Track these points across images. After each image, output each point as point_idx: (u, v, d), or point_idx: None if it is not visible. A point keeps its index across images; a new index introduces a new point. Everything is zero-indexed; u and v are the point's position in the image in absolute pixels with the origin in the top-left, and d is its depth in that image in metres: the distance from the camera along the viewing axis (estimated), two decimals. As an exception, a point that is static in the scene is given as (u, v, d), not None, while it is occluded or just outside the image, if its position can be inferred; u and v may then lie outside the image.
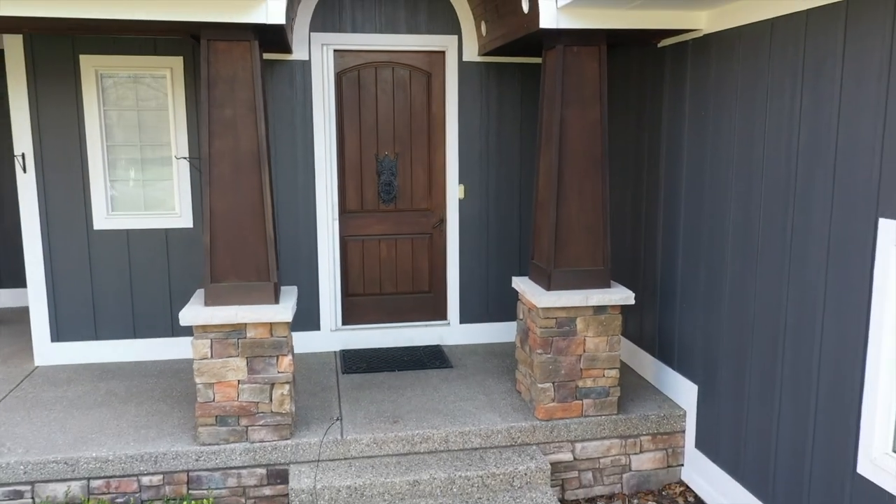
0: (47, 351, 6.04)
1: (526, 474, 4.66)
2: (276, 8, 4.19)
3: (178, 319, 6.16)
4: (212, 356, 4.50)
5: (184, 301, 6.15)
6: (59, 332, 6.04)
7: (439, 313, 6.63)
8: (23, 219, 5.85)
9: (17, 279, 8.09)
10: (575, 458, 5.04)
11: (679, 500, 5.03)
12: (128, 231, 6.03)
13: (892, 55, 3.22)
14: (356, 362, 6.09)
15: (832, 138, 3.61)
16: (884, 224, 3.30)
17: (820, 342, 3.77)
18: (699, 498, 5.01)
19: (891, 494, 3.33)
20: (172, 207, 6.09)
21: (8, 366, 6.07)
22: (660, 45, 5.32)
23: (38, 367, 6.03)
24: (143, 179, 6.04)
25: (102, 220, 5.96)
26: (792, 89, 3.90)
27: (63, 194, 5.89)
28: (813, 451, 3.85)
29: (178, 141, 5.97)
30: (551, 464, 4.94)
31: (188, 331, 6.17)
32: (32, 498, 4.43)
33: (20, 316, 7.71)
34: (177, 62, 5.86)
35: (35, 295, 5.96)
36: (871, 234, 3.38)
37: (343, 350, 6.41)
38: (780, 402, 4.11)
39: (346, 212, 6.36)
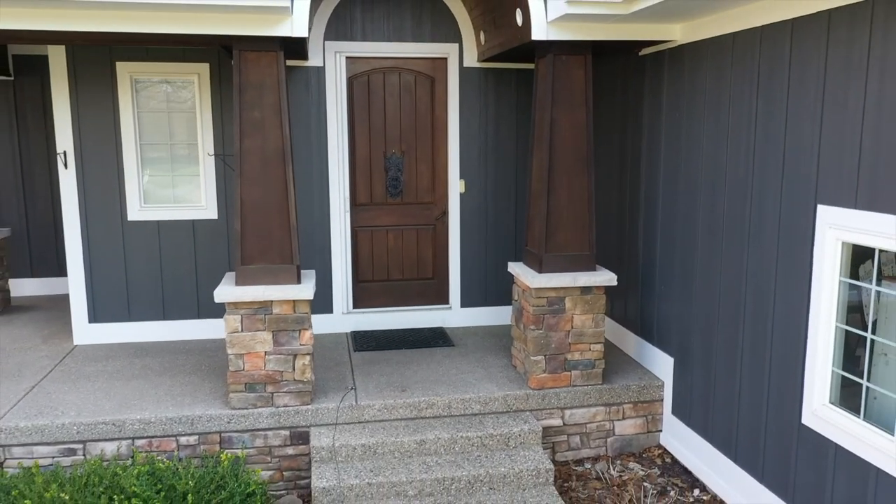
0: (85, 331, 6.62)
1: (520, 436, 5.26)
2: (300, 23, 4.77)
3: (203, 303, 6.76)
4: (242, 330, 5.09)
5: (209, 286, 6.74)
6: (96, 314, 6.63)
7: (442, 298, 7.22)
8: (64, 211, 6.44)
9: (47, 269, 8.68)
10: (564, 424, 5.63)
11: (657, 461, 5.63)
12: (158, 222, 6.62)
13: (827, 69, 3.81)
14: (366, 342, 6.68)
15: (781, 137, 4.21)
16: (821, 209, 3.89)
17: (772, 315, 4.36)
18: (675, 459, 5.61)
19: (828, 440, 3.92)
20: (199, 200, 6.68)
21: (49, 345, 6.66)
22: (641, 53, 5.91)
23: (76, 345, 6.62)
24: (172, 175, 6.62)
25: (136, 211, 6.55)
26: (749, 95, 4.49)
27: (100, 188, 6.48)
28: (767, 409, 4.44)
29: (205, 139, 6.56)
30: (543, 428, 5.53)
31: (213, 313, 6.76)
32: (84, 455, 5.01)
33: (52, 303, 8.29)
34: (203, 68, 6.44)
35: (75, 280, 6.55)
36: (811, 218, 3.97)
37: (354, 331, 7.01)
38: (741, 369, 4.71)
39: (356, 205, 6.96)
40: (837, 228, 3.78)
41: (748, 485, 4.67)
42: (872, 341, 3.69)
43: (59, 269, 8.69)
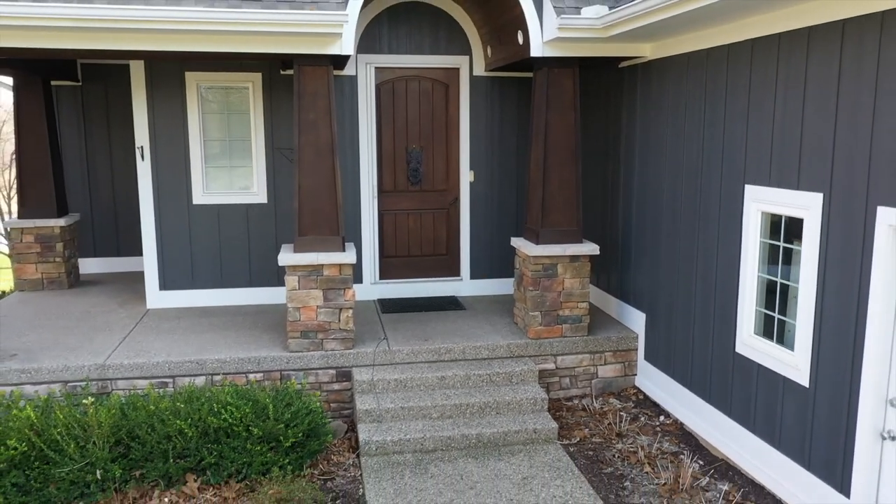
0: (157, 296, 7.90)
1: (521, 374, 6.54)
2: (347, 44, 6.04)
3: (254, 273, 8.05)
4: (299, 288, 6.38)
5: (259, 259, 8.03)
6: (166, 282, 7.91)
7: (454, 271, 8.52)
8: (141, 196, 7.71)
9: (108, 249, 9.93)
10: (556, 368, 6.91)
11: (632, 398, 6.91)
12: (218, 205, 7.90)
13: (751, 83, 5.10)
14: (392, 306, 7.96)
15: (721, 134, 5.50)
16: (748, 188, 5.18)
17: (715, 272, 5.65)
18: (647, 396, 6.90)
19: (753, 361, 5.21)
20: (251, 187, 7.96)
21: (126, 309, 7.93)
22: (620, 66, 7.19)
23: (149, 309, 7.90)
24: (229, 166, 7.90)
25: (199, 196, 7.83)
26: (699, 101, 5.78)
27: (170, 177, 7.75)
28: (713, 344, 5.73)
29: (257, 136, 7.84)
30: (539, 371, 6.81)
31: (262, 282, 8.05)
32: (174, 387, 6.29)
33: (114, 278, 9.54)
34: (257, 77, 7.72)
35: (148, 253, 7.82)
36: (741, 195, 5.27)
37: (380, 298, 8.29)
38: (695, 316, 5.99)
39: (382, 191, 8.25)
40: (758, 201, 5.07)
41: (700, 406, 5.96)
42: (786, 286, 4.98)
43: (118, 250, 9.95)
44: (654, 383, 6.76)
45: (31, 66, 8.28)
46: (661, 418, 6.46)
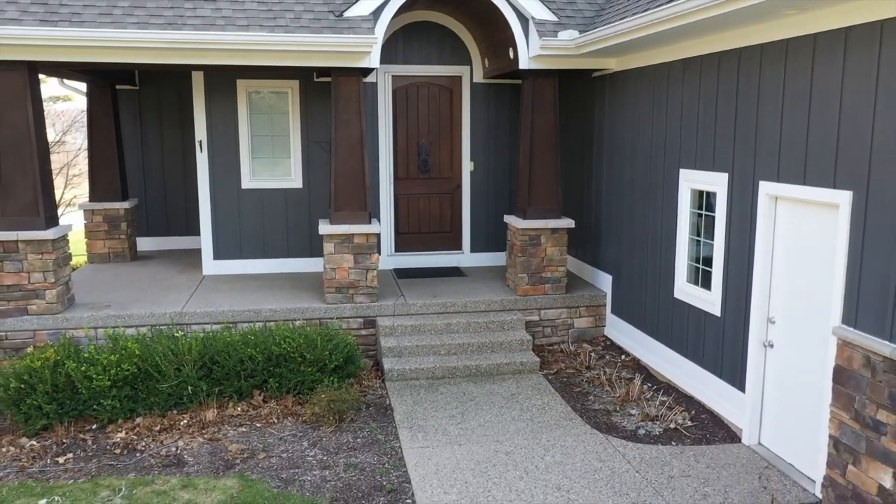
0: (211, 265, 9.54)
1: (511, 322, 8.19)
2: (374, 58, 7.67)
3: (291, 246, 9.69)
4: (334, 252, 8.02)
5: (296, 234, 9.67)
6: (219, 253, 9.55)
7: (457, 245, 10.17)
8: (199, 182, 9.35)
9: (159, 229, 11.54)
10: (540, 319, 8.56)
11: (601, 343, 8.57)
12: (261, 190, 9.54)
13: (683, 91, 6.75)
14: (405, 274, 9.61)
15: (664, 131, 7.15)
16: (682, 171, 6.83)
17: (661, 236, 7.30)
18: (613, 342, 8.55)
19: (685, 303, 6.86)
20: (289, 175, 9.60)
21: (185, 276, 9.56)
22: (593, 76, 8.84)
23: (205, 275, 9.53)
24: (271, 157, 9.54)
25: (247, 182, 9.47)
26: (648, 106, 7.44)
27: (223, 166, 9.39)
28: (659, 293, 7.39)
29: (294, 133, 9.48)
30: (526, 321, 8.46)
31: (298, 253, 9.69)
32: (235, 330, 7.91)
33: (165, 255, 11.15)
34: (295, 84, 9.36)
35: (205, 230, 9.46)
36: (677, 176, 6.92)
37: (396, 268, 9.94)
38: (647, 273, 7.65)
39: (397, 178, 9.89)
40: (688, 181, 6.73)
41: (651, 344, 7.61)
42: (707, 243, 6.62)
43: (168, 230, 11.57)
44: (619, 331, 8.41)
45: (100, 74, 9.90)
46: (623, 357, 8.12)
